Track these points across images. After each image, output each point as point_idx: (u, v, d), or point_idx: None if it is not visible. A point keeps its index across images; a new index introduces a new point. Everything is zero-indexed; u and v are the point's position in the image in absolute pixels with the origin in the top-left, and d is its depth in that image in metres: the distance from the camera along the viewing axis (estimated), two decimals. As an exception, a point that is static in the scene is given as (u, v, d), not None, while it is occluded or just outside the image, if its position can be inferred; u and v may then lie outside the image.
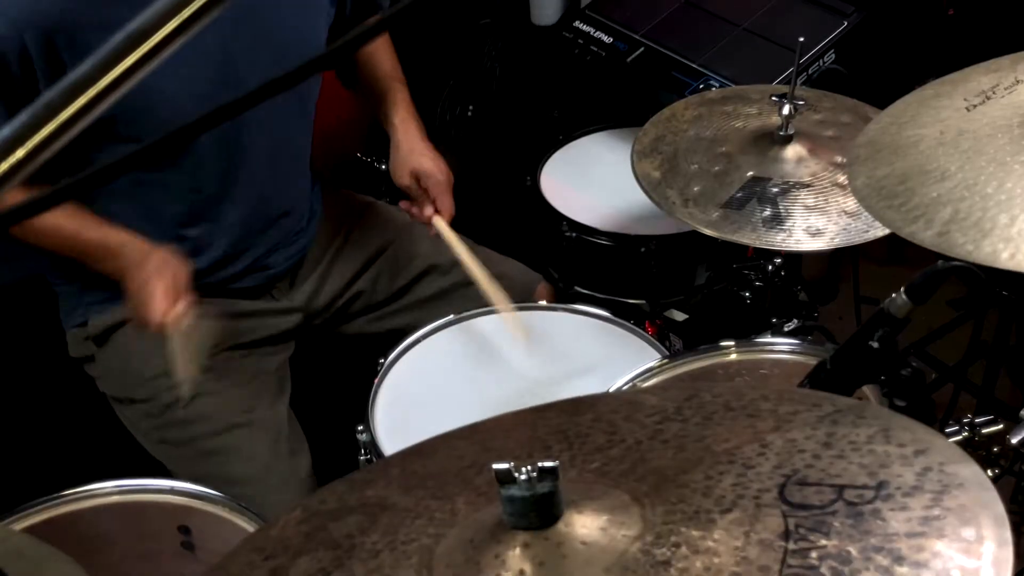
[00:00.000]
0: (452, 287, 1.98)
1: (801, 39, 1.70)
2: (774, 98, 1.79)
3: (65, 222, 1.68)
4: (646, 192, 1.74)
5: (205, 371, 1.78)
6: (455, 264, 2.00)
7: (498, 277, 2.00)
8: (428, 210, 1.86)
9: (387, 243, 2.01)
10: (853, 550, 0.68)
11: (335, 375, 2.04)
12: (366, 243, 2.00)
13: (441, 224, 1.87)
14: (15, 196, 0.54)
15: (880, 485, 0.73)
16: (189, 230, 1.79)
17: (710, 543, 0.72)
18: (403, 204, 1.93)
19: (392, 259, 2.00)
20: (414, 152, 1.89)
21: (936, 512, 0.69)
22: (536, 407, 0.98)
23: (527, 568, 0.74)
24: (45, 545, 1.15)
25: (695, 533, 0.73)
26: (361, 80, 2.00)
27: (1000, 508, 0.69)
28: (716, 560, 0.70)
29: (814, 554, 0.69)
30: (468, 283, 1.99)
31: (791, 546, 0.70)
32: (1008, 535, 0.67)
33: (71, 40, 1.54)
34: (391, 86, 1.96)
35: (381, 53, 1.99)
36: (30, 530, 1.39)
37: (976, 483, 0.71)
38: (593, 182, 2.17)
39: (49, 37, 1.53)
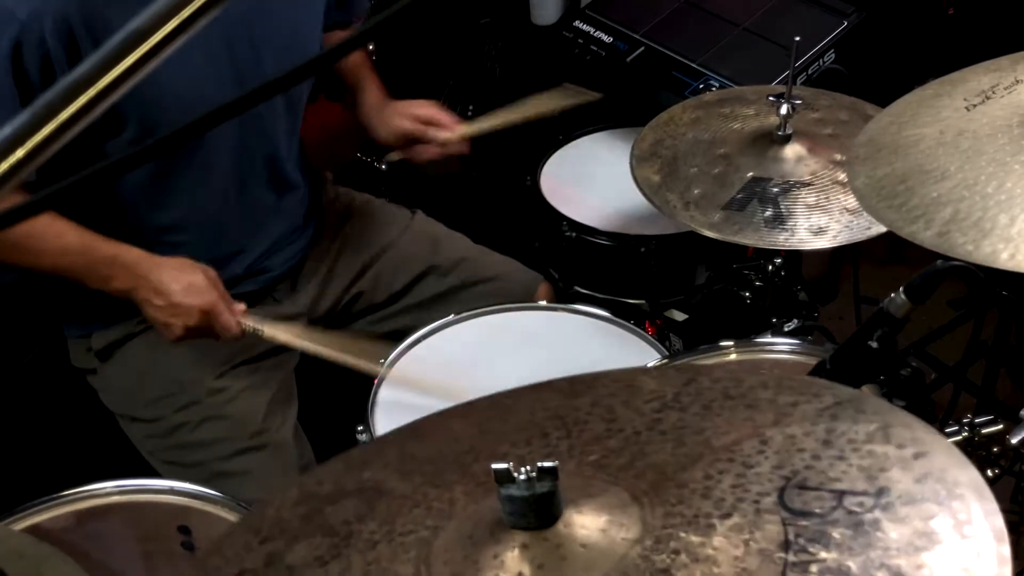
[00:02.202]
0: (452, 288, 1.98)
1: (797, 38, 1.70)
2: (771, 98, 1.79)
3: (71, 238, 1.64)
4: (647, 197, 1.74)
5: (213, 393, 1.78)
6: (455, 264, 2.00)
7: (498, 277, 1.99)
8: (444, 132, 1.90)
9: (388, 244, 2.00)
10: (853, 564, 0.68)
11: (335, 375, 2.04)
12: (367, 243, 2.00)
13: (463, 128, 1.91)
14: (10, 199, 0.54)
15: (880, 492, 0.73)
16: (167, 235, 1.77)
17: (710, 551, 0.72)
18: (394, 154, 1.95)
19: (393, 260, 1.99)
20: (401, 103, 1.94)
21: (935, 524, 0.69)
22: (533, 385, 0.97)
23: (526, 570, 0.74)
24: (45, 545, 1.14)
25: (695, 539, 0.73)
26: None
27: (999, 520, 0.69)
28: (715, 570, 0.70)
29: (814, 568, 0.68)
30: (468, 284, 1.99)
31: (791, 558, 0.69)
32: (1007, 550, 0.67)
33: (89, 27, 1.53)
34: (362, 74, 1.98)
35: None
36: (30, 530, 1.38)
37: (975, 492, 0.71)
38: (593, 182, 2.17)
39: (68, 24, 1.52)
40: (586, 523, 0.75)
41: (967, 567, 0.66)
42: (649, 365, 1.60)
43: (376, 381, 1.70)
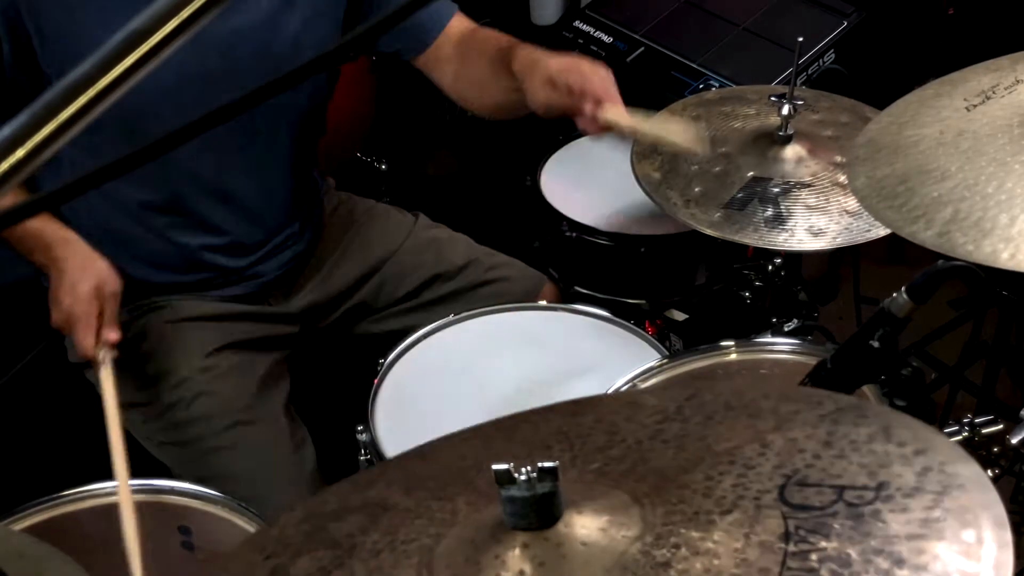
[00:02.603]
0: (456, 292, 1.96)
1: (800, 39, 1.70)
2: (772, 98, 1.79)
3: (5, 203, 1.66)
4: (647, 193, 1.74)
5: (203, 371, 1.78)
6: (459, 270, 1.97)
7: (502, 279, 1.98)
8: (588, 106, 1.63)
9: (390, 252, 1.98)
10: (853, 552, 0.68)
11: (335, 375, 2.04)
12: (368, 251, 1.97)
13: (614, 113, 1.63)
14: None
15: (880, 486, 0.73)
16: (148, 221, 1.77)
17: (710, 544, 0.72)
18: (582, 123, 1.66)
19: (395, 268, 1.97)
20: (540, 62, 1.68)
21: (936, 514, 0.69)
22: (537, 409, 0.98)
23: (527, 568, 0.74)
24: (45, 545, 1.14)
25: (695, 534, 0.73)
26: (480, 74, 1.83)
27: (1000, 509, 0.69)
28: (716, 562, 0.70)
29: (814, 556, 0.69)
30: (471, 287, 1.96)
31: (791, 548, 0.70)
32: (1008, 537, 0.67)
33: (32, 6, 1.54)
34: (514, 52, 1.75)
35: (482, 40, 1.84)
36: (30, 530, 1.38)
37: (977, 484, 0.71)
38: (593, 182, 2.17)
39: (15, 6, 1.53)
40: (586, 523, 0.76)
41: (969, 553, 0.66)
42: (649, 365, 1.60)
43: (376, 381, 1.70)
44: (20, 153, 0.51)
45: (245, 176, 1.79)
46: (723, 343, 1.62)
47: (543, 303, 1.90)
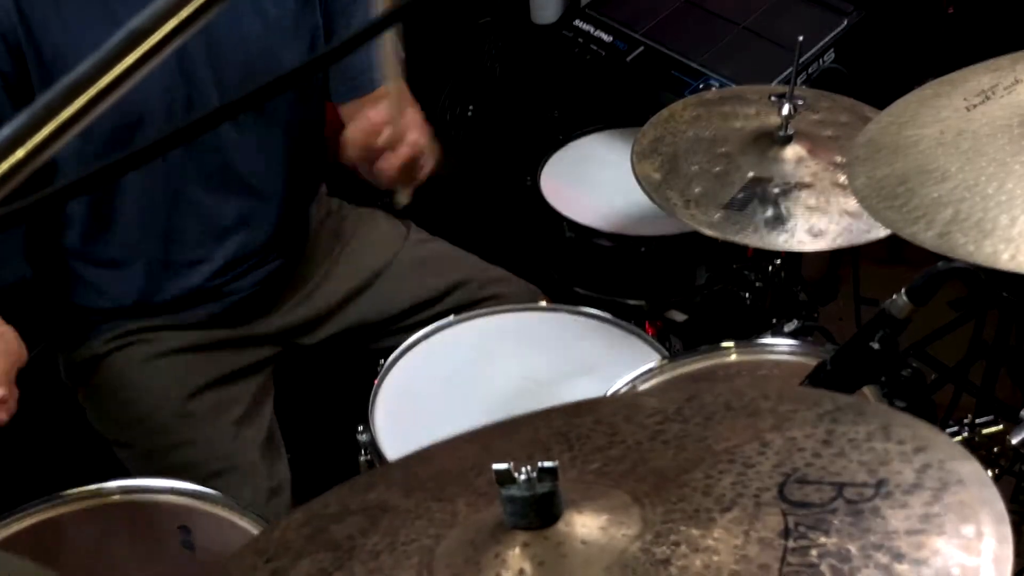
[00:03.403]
0: (448, 311, 1.89)
1: (800, 38, 1.70)
2: (772, 98, 1.79)
3: None
4: (647, 194, 1.74)
5: (183, 417, 1.75)
6: (452, 288, 1.91)
7: (496, 296, 1.92)
8: (383, 162, 1.57)
9: (377, 271, 1.92)
10: (853, 548, 0.68)
11: (334, 375, 2.04)
12: (356, 269, 1.91)
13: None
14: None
15: (880, 483, 0.73)
16: (92, 247, 1.75)
17: (710, 541, 0.72)
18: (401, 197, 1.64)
19: (384, 289, 1.91)
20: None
21: (936, 509, 0.70)
22: (536, 412, 0.98)
23: (527, 567, 0.74)
24: (23, 560, 1.14)
25: (695, 532, 0.73)
26: None
27: (1000, 505, 0.69)
28: (716, 558, 0.70)
29: (814, 552, 0.69)
30: (465, 305, 1.89)
31: (791, 544, 0.70)
32: (1008, 531, 0.67)
33: (32, 27, 1.52)
34: None
35: None
36: (29, 530, 1.39)
37: (976, 480, 0.71)
38: (593, 182, 2.17)
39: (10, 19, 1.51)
40: (586, 522, 0.76)
41: (968, 547, 0.66)
42: (649, 366, 1.60)
43: (376, 381, 1.70)
44: (20, 153, 0.51)
45: (209, 184, 1.74)
46: (723, 344, 1.62)
47: (543, 303, 1.89)
